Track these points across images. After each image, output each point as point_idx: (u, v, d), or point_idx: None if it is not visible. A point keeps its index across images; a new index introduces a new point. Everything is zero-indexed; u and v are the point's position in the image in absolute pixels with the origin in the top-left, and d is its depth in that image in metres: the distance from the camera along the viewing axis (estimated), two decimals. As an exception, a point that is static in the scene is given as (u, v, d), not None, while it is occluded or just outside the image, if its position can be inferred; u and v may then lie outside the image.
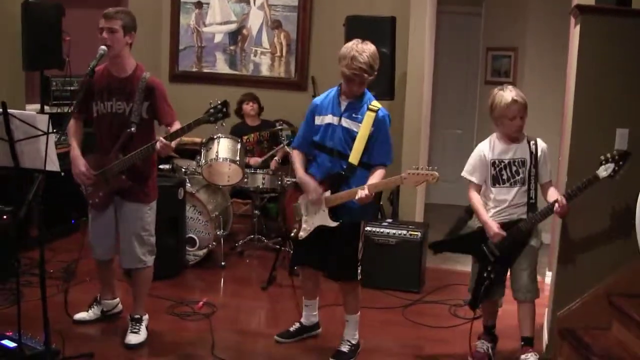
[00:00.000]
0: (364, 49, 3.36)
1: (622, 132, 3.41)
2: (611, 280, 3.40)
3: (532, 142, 3.49)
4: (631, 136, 3.40)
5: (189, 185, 5.03)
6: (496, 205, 3.51)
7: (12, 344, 3.22)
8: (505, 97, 3.41)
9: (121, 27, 3.48)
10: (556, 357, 3.50)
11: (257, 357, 3.79)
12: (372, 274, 4.59)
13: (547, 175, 3.51)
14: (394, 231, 4.79)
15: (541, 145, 3.50)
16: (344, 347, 3.67)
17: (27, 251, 4.50)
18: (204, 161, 5.10)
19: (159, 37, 6.81)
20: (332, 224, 3.49)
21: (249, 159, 5.51)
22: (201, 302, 4.30)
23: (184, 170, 5.29)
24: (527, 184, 3.46)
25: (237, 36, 6.71)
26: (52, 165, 3.02)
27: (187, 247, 4.99)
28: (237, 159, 5.06)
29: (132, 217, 3.65)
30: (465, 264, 4.29)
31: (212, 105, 3.38)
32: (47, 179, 3.02)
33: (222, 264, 5.10)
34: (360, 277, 3.64)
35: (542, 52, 6.28)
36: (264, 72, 6.69)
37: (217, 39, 6.75)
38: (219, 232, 5.12)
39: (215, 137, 5.08)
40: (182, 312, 4.17)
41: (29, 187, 2.95)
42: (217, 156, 5.00)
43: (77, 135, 3.70)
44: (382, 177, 3.43)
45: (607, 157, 3.19)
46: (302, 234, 3.58)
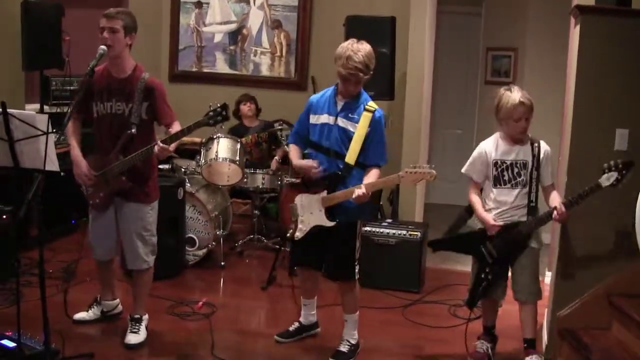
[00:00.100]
0: (360, 49, 3.37)
1: (622, 133, 3.40)
2: (611, 280, 3.40)
3: (535, 145, 3.47)
4: (631, 136, 3.40)
5: (188, 185, 5.03)
6: (497, 206, 3.50)
7: (11, 344, 3.22)
8: (512, 98, 3.38)
9: (122, 28, 3.47)
10: (556, 357, 3.50)
11: (256, 357, 3.79)
12: (372, 274, 4.60)
13: (549, 178, 3.50)
14: (394, 231, 4.79)
15: (544, 147, 3.49)
16: (344, 347, 3.67)
17: (27, 251, 4.49)
18: (203, 161, 5.09)
19: (158, 37, 6.81)
20: (328, 224, 3.49)
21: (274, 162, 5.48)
22: (201, 302, 4.30)
23: (183, 170, 5.29)
24: (529, 186, 3.45)
25: (237, 36, 6.71)
26: (52, 165, 3.01)
27: (186, 247, 4.99)
28: (237, 158, 5.05)
29: (133, 217, 3.65)
30: (465, 264, 4.28)
31: (212, 108, 3.38)
32: (46, 178, 3.02)
33: (222, 264, 5.10)
34: (358, 277, 3.64)
35: (542, 52, 6.28)
36: (264, 72, 6.69)
37: (217, 38, 6.75)
38: (218, 232, 5.12)
39: (215, 137, 5.07)
40: (182, 312, 4.17)
41: (29, 187, 2.95)
42: (216, 156, 5.00)
43: (76, 135, 3.70)
44: (377, 178, 3.44)
45: (610, 165, 3.15)
46: (298, 234, 3.57)
